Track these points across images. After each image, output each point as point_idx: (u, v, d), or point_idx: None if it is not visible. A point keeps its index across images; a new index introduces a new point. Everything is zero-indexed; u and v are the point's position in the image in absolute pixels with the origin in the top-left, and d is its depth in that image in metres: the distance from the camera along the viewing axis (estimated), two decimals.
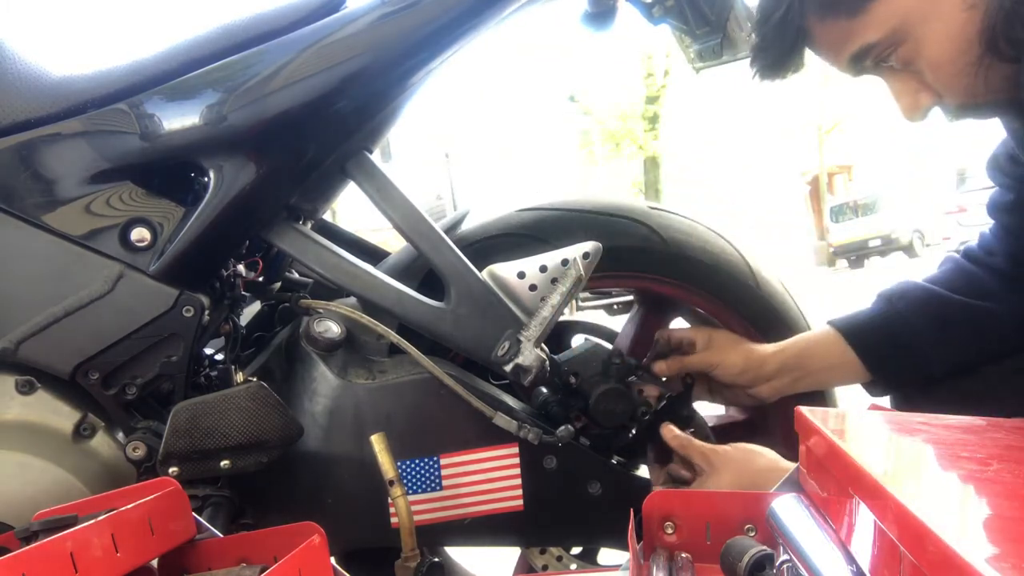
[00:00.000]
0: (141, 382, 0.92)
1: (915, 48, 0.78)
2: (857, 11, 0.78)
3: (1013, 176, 1.00)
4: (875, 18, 0.78)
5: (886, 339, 1.02)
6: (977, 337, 0.99)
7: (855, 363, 1.03)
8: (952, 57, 0.77)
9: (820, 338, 1.06)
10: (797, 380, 1.05)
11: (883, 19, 0.78)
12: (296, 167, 0.94)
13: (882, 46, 0.79)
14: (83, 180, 0.90)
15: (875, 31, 0.79)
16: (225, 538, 0.74)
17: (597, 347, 1.03)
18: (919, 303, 1.01)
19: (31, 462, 0.88)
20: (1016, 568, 0.31)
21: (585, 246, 0.95)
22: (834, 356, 1.04)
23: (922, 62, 0.79)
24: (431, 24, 0.92)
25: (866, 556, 0.45)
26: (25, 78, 0.90)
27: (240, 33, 0.91)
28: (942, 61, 0.77)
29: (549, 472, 1.00)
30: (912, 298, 1.02)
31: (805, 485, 0.63)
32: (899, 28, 0.78)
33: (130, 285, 0.90)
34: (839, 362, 1.03)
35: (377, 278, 0.97)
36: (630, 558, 0.68)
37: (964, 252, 1.07)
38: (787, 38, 0.84)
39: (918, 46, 0.78)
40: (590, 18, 1.07)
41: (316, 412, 0.97)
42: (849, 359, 1.03)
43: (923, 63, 0.79)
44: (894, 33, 0.78)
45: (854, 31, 0.80)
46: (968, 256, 1.06)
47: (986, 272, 1.02)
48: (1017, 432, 0.64)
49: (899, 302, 1.02)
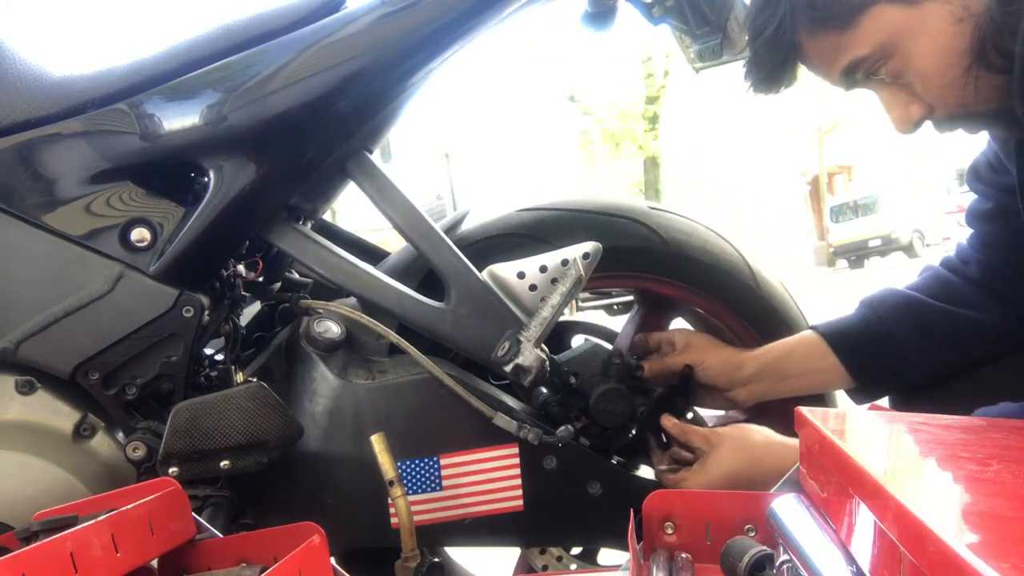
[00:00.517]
0: (141, 382, 0.92)
1: (904, 61, 0.80)
2: (846, 26, 0.80)
3: (992, 184, 1.01)
4: (864, 32, 0.79)
5: (869, 345, 1.02)
6: (958, 344, 1.00)
7: (836, 368, 1.03)
8: (941, 70, 0.78)
9: (802, 342, 1.06)
10: (776, 384, 1.06)
11: (872, 33, 0.79)
12: (296, 167, 0.94)
13: (872, 59, 0.81)
14: (83, 180, 0.90)
15: (864, 45, 0.80)
16: (225, 538, 0.74)
17: (597, 347, 1.04)
18: (901, 309, 1.02)
19: (31, 462, 0.88)
20: (1016, 568, 0.31)
21: (585, 246, 0.95)
22: (815, 360, 1.04)
23: (911, 74, 0.80)
24: (431, 24, 0.92)
25: (866, 556, 0.45)
26: (25, 78, 0.90)
27: (240, 33, 0.91)
28: (931, 73, 0.79)
29: (549, 472, 1.00)
30: (893, 304, 1.03)
31: (805, 485, 0.63)
32: (887, 42, 0.79)
33: (130, 285, 0.90)
34: (820, 367, 1.04)
35: (377, 278, 0.97)
36: (630, 558, 0.68)
37: (942, 261, 1.08)
38: (779, 53, 0.85)
39: (907, 59, 0.79)
40: (590, 18, 1.07)
41: (316, 412, 0.97)
42: (830, 364, 1.03)
43: (912, 75, 0.80)
44: (883, 47, 0.79)
45: (844, 46, 0.81)
46: (946, 265, 1.07)
47: (963, 281, 1.03)
48: (1017, 432, 0.64)
49: (881, 308, 1.03)
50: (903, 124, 0.84)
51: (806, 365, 1.04)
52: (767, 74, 0.88)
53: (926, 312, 1.01)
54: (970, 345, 1.00)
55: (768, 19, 0.84)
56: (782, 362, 1.05)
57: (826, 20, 0.80)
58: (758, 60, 0.87)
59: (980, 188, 1.03)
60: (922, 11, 0.77)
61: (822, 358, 1.04)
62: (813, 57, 0.85)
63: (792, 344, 1.07)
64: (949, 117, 0.82)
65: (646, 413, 1.05)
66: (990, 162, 1.01)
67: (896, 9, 0.77)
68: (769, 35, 0.84)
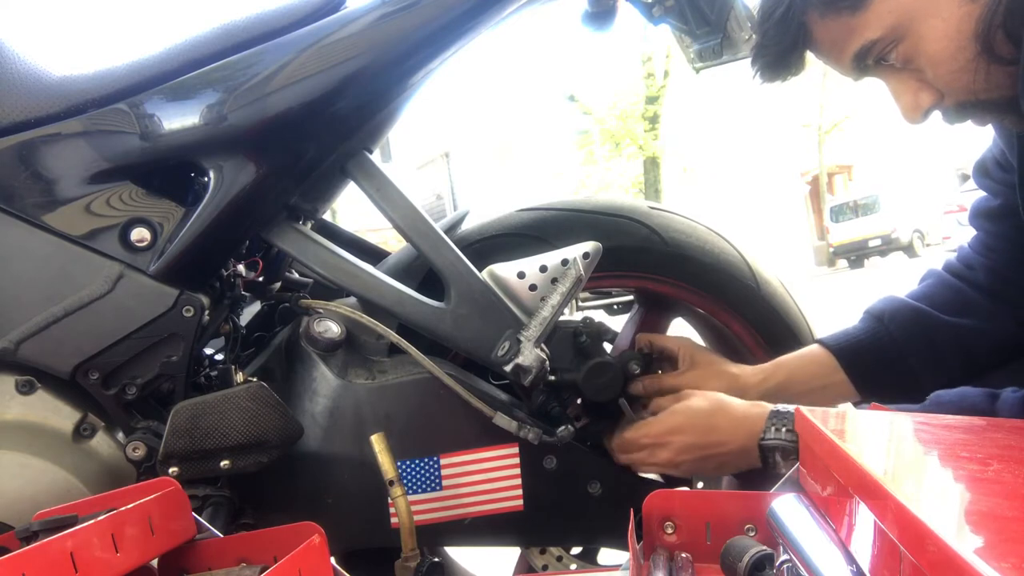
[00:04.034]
0: (141, 382, 0.92)
1: (915, 45, 0.78)
2: (858, 8, 0.78)
3: (1000, 181, 1.00)
4: (875, 14, 0.78)
5: (879, 363, 1.01)
6: (964, 355, 0.99)
7: (844, 383, 1.02)
8: (952, 53, 0.76)
9: (808, 358, 1.04)
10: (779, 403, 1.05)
11: (883, 15, 0.78)
12: (296, 167, 0.94)
13: (883, 43, 0.79)
14: (83, 180, 0.90)
15: (875, 28, 0.79)
16: (225, 538, 0.74)
17: (560, 332, 1.02)
18: (910, 324, 1.01)
19: (31, 462, 0.88)
20: (1016, 568, 0.31)
21: (585, 246, 0.95)
22: (823, 377, 1.03)
23: (922, 59, 0.79)
24: (431, 24, 0.92)
25: (866, 556, 0.45)
26: (25, 78, 0.90)
27: (240, 33, 0.91)
28: (941, 58, 0.77)
29: (549, 472, 1.00)
30: (903, 320, 1.02)
31: (805, 485, 0.63)
32: (898, 24, 0.78)
33: (130, 285, 0.90)
34: (827, 383, 1.02)
35: (377, 278, 0.97)
36: (630, 558, 0.68)
37: (945, 266, 1.07)
38: (788, 36, 0.83)
39: (918, 43, 0.78)
40: (590, 18, 1.07)
41: (316, 412, 0.97)
42: (838, 379, 1.02)
43: (923, 60, 0.79)
44: (894, 30, 0.78)
45: (855, 28, 0.80)
46: (950, 270, 1.06)
47: (968, 287, 1.02)
48: (1017, 432, 0.64)
49: (892, 324, 1.02)
50: (912, 112, 0.82)
51: (812, 384, 1.03)
52: (775, 58, 0.86)
53: (936, 327, 1.00)
54: (978, 355, 0.99)
55: (778, 1, 0.82)
56: (786, 385, 1.03)
57: (837, 1, 0.79)
58: (766, 43, 0.86)
59: (988, 184, 1.02)
60: None
61: (830, 375, 1.02)
62: (823, 42, 0.84)
63: (797, 363, 1.04)
64: (958, 106, 0.80)
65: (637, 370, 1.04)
66: (996, 159, 1.00)
67: None
68: (778, 16, 0.82)
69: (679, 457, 0.97)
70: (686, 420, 0.96)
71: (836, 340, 1.04)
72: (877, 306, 1.05)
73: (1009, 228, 0.99)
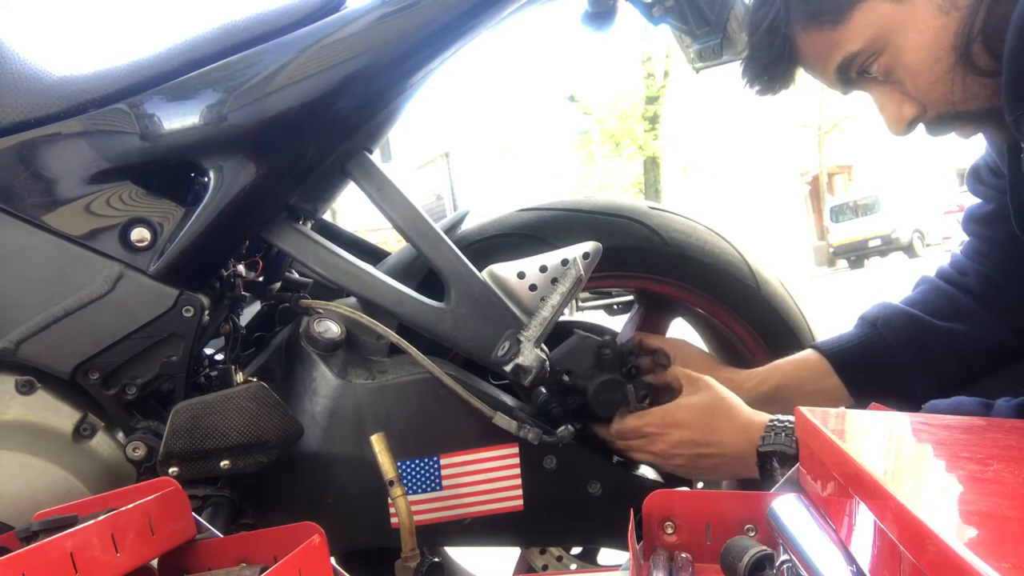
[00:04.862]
0: (141, 382, 0.92)
1: (894, 57, 0.80)
2: (839, 20, 0.80)
3: (993, 187, 1.00)
4: (855, 27, 0.80)
5: (872, 368, 1.02)
6: (957, 361, 1.00)
7: (838, 388, 1.03)
8: (929, 64, 0.78)
9: (802, 363, 1.05)
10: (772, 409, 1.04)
11: (863, 28, 0.79)
12: (296, 167, 0.94)
13: (864, 55, 0.81)
14: (83, 180, 0.90)
15: (856, 40, 0.80)
16: (225, 538, 0.74)
17: (586, 339, 1.02)
18: (904, 331, 1.02)
19: (31, 462, 0.88)
20: (1016, 568, 0.31)
21: (585, 246, 0.95)
22: (816, 381, 1.03)
23: (902, 71, 0.80)
24: (431, 24, 0.92)
25: (866, 556, 0.45)
26: (25, 78, 0.90)
27: (240, 33, 0.91)
28: (919, 68, 0.79)
29: (549, 472, 1.00)
30: (895, 325, 1.02)
31: (805, 485, 0.63)
32: (878, 37, 0.79)
33: (130, 285, 0.90)
34: (820, 387, 1.03)
35: (377, 278, 0.97)
36: (630, 558, 0.68)
37: (938, 272, 1.07)
38: (774, 48, 0.85)
39: (897, 54, 0.80)
40: (590, 18, 1.07)
41: (316, 412, 0.97)
42: (832, 384, 1.03)
43: (903, 72, 0.80)
44: (874, 42, 0.80)
45: (837, 41, 0.81)
46: (943, 277, 1.06)
47: (961, 292, 1.03)
48: (1017, 432, 0.64)
49: (886, 330, 1.02)
50: (896, 124, 0.84)
51: (805, 388, 1.03)
52: (763, 70, 0.88)
53: (929, 333, 1.01)
54: (971, 360, 1.00)
55: (764, 14, 0.85)
56: (779, 391, 1.03)
57: (819, 15, 0.81)
58: (754, 55, 0.88)
59: (981, 190, 1.03)
60: (911, 5, 0.77)
61: (823, 379, 1.03)
62: (808, 55, 0.86)
63: (791, 367, 1.05)
64: (939, 117, 0.82)
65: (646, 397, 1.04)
66: (989, 165, 1.00)
67: (886, 3, 0.78)
68: (765, 29, 0.85)
69: (674, 450, 0.97)
70: (689, 415, 0.96)
71: (830, 345, 1.05)
72: (871, 312, 1.06)
73: (1002, 234, 0.99)
